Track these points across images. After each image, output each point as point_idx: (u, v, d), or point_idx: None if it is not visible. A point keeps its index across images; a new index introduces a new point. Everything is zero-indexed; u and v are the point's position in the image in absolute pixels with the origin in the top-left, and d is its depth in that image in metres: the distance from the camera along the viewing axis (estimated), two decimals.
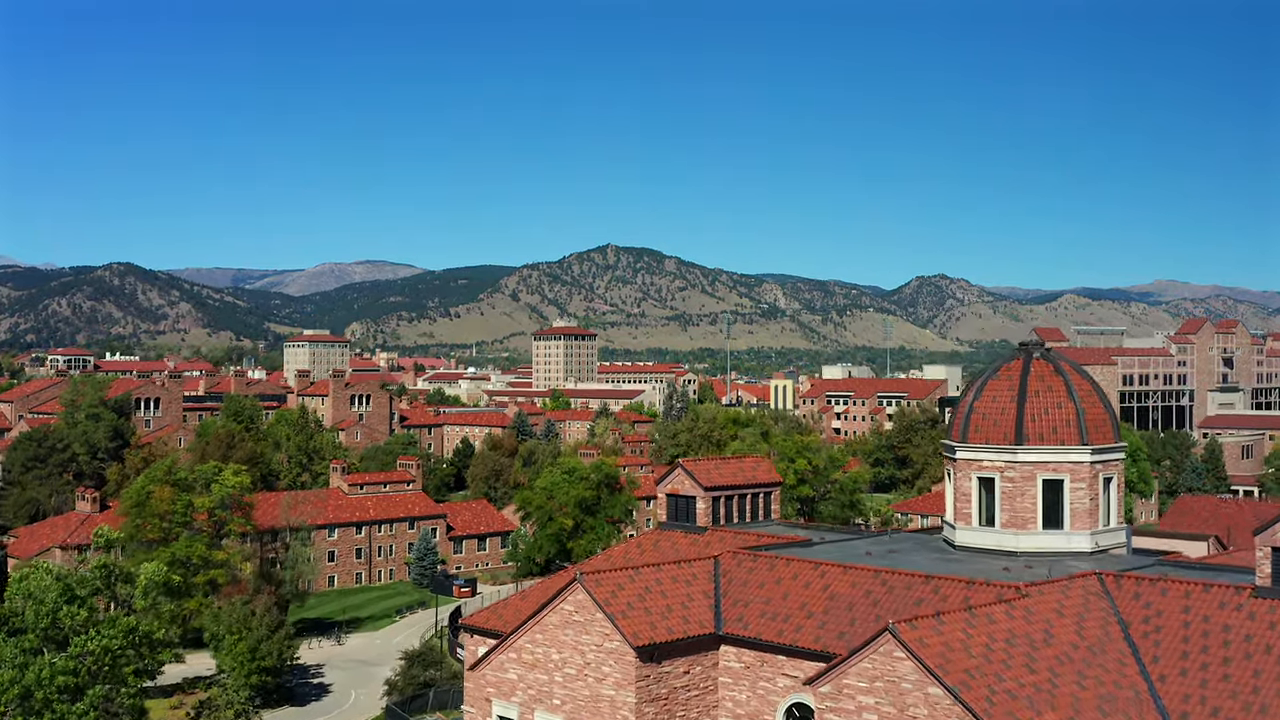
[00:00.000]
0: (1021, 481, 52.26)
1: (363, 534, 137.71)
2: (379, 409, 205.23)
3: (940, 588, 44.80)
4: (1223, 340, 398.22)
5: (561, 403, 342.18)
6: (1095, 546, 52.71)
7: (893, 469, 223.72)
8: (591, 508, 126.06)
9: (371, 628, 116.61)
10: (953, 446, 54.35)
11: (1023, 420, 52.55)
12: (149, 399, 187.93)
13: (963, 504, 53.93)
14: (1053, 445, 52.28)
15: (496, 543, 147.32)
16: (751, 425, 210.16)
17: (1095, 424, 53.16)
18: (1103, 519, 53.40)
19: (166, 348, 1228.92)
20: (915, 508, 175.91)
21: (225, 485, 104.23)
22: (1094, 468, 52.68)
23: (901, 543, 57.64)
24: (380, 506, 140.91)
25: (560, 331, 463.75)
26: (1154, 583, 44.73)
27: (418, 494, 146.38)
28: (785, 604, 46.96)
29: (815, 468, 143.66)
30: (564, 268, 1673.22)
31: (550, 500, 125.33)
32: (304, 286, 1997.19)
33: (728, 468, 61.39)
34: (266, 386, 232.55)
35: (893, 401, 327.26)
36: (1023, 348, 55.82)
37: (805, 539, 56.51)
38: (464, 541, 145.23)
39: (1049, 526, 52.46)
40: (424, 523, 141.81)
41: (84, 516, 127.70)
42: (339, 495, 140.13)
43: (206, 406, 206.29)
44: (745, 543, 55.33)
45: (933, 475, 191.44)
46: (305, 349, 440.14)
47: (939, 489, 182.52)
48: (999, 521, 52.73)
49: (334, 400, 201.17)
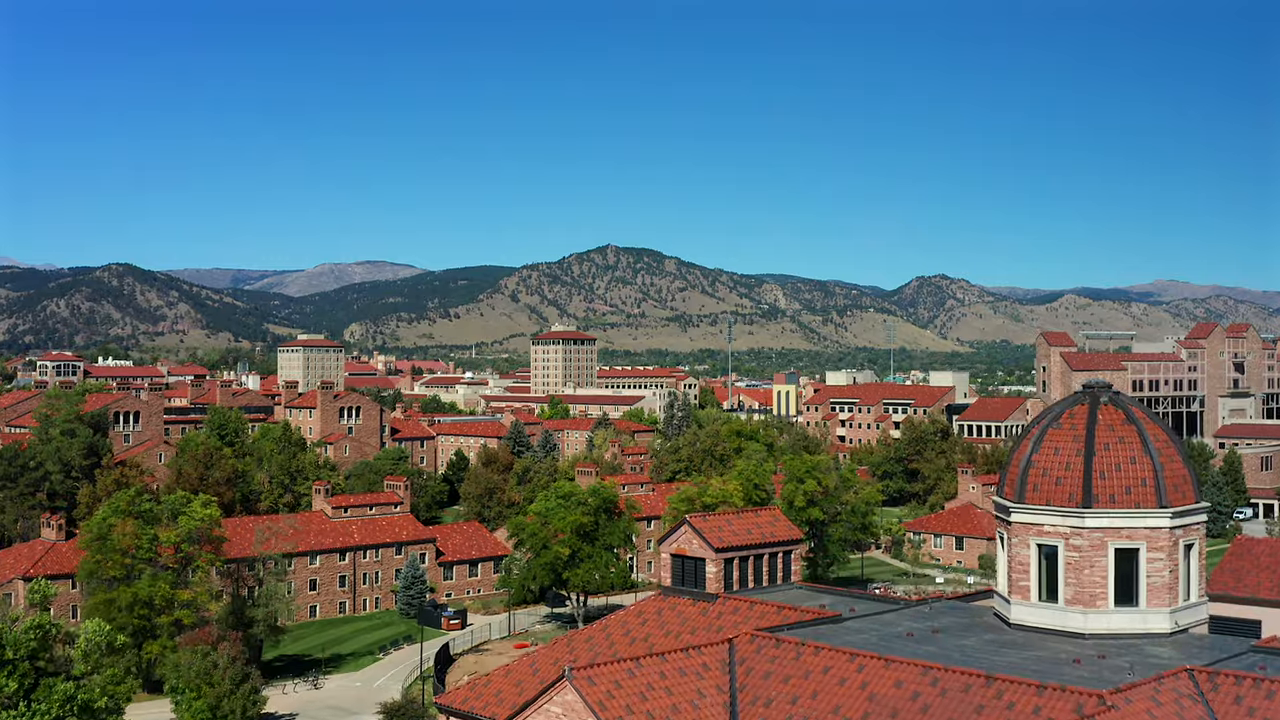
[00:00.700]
0: (1090, 551, 44.48)
1: (346, 560, 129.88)
2: (369, 421, 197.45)
3: (1004, 693, 36.96)
4: (1233, 345, 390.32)
5: (560, 410, 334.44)
6: (1174, 626, 44.98)
7: (902, 482, 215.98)
8: (589, 534, 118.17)
9: (352, 667, 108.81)
10: (1007, 507, 46.60)
11: (1091, 478, 44.79)
12: (128, 413, 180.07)
13: (1019, 575, 46.12)
14: (1126, 508, 44.55)
15: (489, 568, 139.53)
16: (755, 436, 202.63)
17: (1175, 482, 45.40)
18: (1183, 593, 45.66)
19: (165, 349, 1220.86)
20: (929, 526, 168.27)
21: (193, 517, 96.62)
22: (1174, 534, 44.94)
23: (945, 616, 49.75)
24: (365, 531, 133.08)
25: (559, 336, 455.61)
26: (1258, 684, 37.03)
27: (405, 517, 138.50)
28: (815, 706, 39.14)
29: (825, 488, 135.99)
30: (564, 268, 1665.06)
31: (545, 527, 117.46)
32: (304, 287, 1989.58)
33: (740, 524, 53.56)
34: (253, 397, 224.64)
35: (899, 408, 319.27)
36: (1087, 391, 47.94)
37: (834, 613, 48.58)
38: (455, 567, 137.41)
39: (1121, 603, 44.72)
40: (412, 548, 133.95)
41: (48, 545, 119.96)
42: (321, 519, 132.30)
43: (190, 419, 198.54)
44: (764, 616, 47.57)
45: (945, 491, 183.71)
46: (299, 354, 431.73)
47: (952, 506, 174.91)
48: (1063, 597, 44.97)
49: (322, 413, 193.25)
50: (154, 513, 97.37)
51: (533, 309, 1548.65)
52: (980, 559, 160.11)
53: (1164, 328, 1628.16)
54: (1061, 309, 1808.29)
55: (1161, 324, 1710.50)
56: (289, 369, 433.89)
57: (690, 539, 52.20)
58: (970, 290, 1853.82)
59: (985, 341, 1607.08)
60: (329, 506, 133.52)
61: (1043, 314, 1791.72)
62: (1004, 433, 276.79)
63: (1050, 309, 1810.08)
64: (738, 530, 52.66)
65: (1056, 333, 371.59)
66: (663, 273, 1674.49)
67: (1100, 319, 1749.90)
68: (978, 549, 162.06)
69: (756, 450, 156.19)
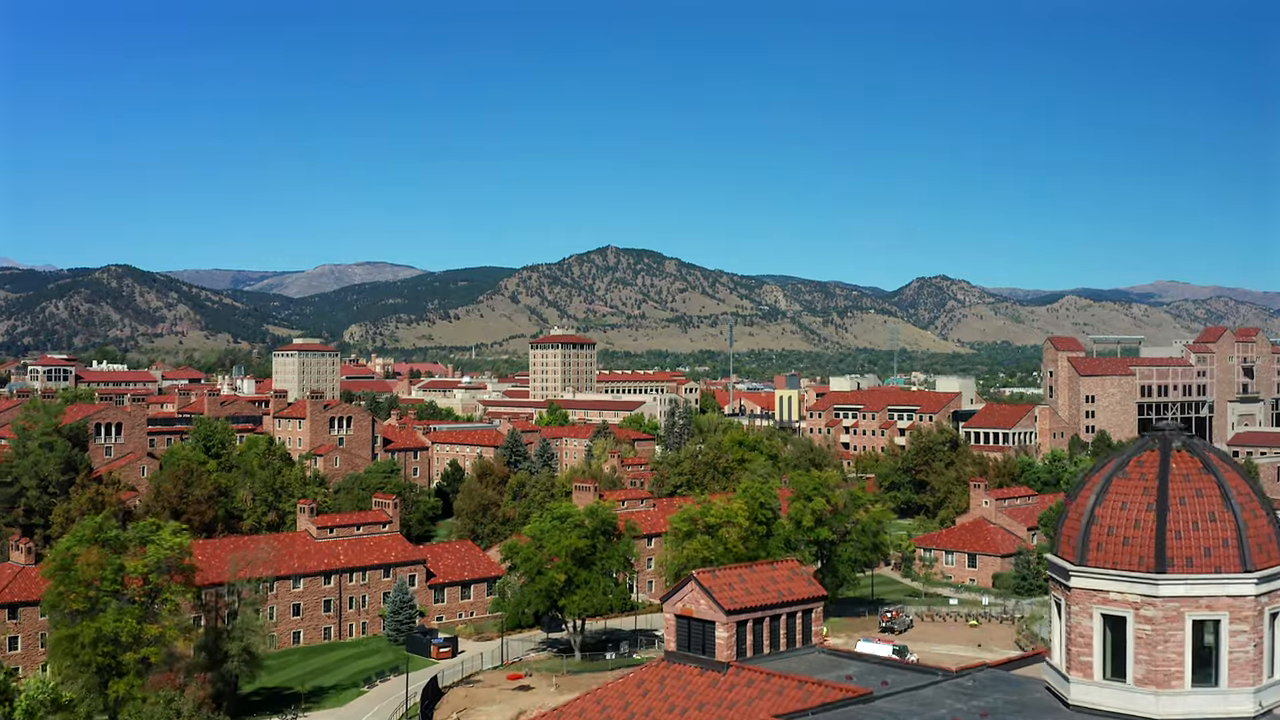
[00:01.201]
0: (1164, 624, 38.18)
1: (332, 584, 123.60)
2: (360, 432, 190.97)
3: None
4: (1243, 349, 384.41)
5: (558, 416, 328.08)
6: (1259, 709, 38.72)
7: (910, 493, 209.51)
8: (586, 559, 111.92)
9: (334, 701, 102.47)
10: (1065, 569, 40.29)
11: (1164, 538, 38.51)
12: (109, 424, 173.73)
13: (1080, 649, 39.78)
14: (1205, 573, 38.28)
15: (482, 589, 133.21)
16: (759, 447, 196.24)
17: (1259, 541, 39.16)
18: (1267, 670, 39.39)
19: (164, 351, 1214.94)
20: (940, 542, 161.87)
21: (162, 546, 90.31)
22: (1259, 602, 38.70)
23: (991, 692, 43.32)
24: (352, 552, 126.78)
25: (558, 340, 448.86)
26: None
27: (394, 536, 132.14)
28: None
29: (834, 506, 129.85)
30: (564, 269, 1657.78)
31: (540, 551, 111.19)
32: (304, 288, 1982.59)
33: (755, 580, 47.22)
34: (242, 406, 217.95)
35: (904, 415, 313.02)
36: (1156, 435, 41.54)
37: (864, 690, 42.17)
38: (446, 589, 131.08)
39: (1199, 683, 38.44)
40: (401, 569, 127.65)
41: (17, 569, 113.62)
42: (306, 540, 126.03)
43: (176, 430, 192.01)
44: (783, 692, 41.24)
45: (956, 505, 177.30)
46: (294, 358, 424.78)
47: (964, 521, 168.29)
48: (1131, 676, 38.67)
49: (312, 423, 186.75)
50: (121, 540, 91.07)
51: (533, 310, 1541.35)
52: (995, 578, 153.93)
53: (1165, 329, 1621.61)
54: (1062, 310, 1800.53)
55: (1163, 325, 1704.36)
56: (283, 374, 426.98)
57: (698, 598, 45.90)
58: (971, 291, 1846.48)
59: (986, 343, 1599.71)
60: (314, 526, 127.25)
61: (1043, 315, 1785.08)
62: (1013, 440, 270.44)
63: (1051, 310, 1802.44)
64: (751, 588, 46.32)
65: (1064, 337, 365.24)
66: (663, 274, 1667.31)
67: (1101, 320, 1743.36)
68: (991, 566, 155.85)
69: (762, 465, 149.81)
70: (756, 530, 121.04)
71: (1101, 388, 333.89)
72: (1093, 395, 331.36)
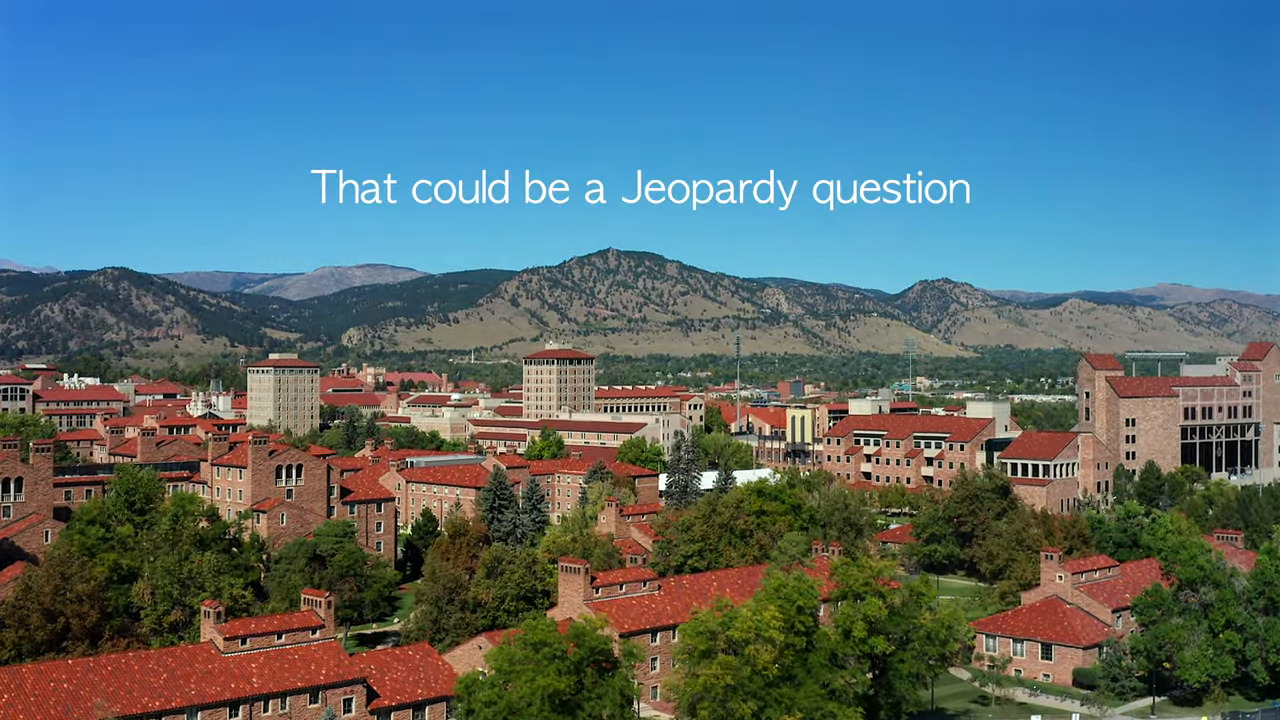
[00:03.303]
0: None
1: (240, 716, 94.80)
2: (313, 482, 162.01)
3: None
4: None
5: (553, 443, 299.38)
6: None
7: (952, 545, 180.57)
8: (569, 704, 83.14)
9: None
10: None
11: None
12: (7, 479, 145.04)
13: None
14: None
15: (440, 711, 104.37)
16: (780, 496, 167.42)
17: None
18: None
19: (159, 354, 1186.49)
20: (1005, 628, 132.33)
21: None
22: None
23: None
24: (269, 670, 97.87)
25: (553, 354, 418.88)
26: None
27: (327, 645, 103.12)
28: None
29: (891, 607, 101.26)
30: (564, 272, 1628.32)
31: (506, 693, 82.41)
32: (304, 290, 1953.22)
33: None
34: (181, 448, 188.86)
35: (932, 443, 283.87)
36: None
37: None
38: (393, 714, 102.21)
39: None
40: (333, 692, 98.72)
41: None
42: (210, 654, 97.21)
43: (98, 480, 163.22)
44: None
45: (1019, 576, 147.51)
46: (269, 375, 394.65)
47: (1032, 600, 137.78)
48: None
49: (254, 473, 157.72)
50: None
51: (533, 313, 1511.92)
52: (1076, 674, 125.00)
53: (1169, 332, 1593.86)
54: (1065, 313, 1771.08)
55: (1166, 328, 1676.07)
56: (259, 392, 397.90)
57: None
58: (974, 294, 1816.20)
59: (989, 346, 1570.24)
60: (220, 636, 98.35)
61: (1046, 318, 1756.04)
62: (1054, 472, 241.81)
63: (1054, 313, 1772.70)
64: None
65: (1100, 355, 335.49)
66: (664, 276, 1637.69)
67: (1104, 323, 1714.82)
68: (1072, 660, 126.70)
69: (795, 542, 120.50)
70: (794, 643, 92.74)
71: (1143, 410, 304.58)
72: (1133, 419, 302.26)
